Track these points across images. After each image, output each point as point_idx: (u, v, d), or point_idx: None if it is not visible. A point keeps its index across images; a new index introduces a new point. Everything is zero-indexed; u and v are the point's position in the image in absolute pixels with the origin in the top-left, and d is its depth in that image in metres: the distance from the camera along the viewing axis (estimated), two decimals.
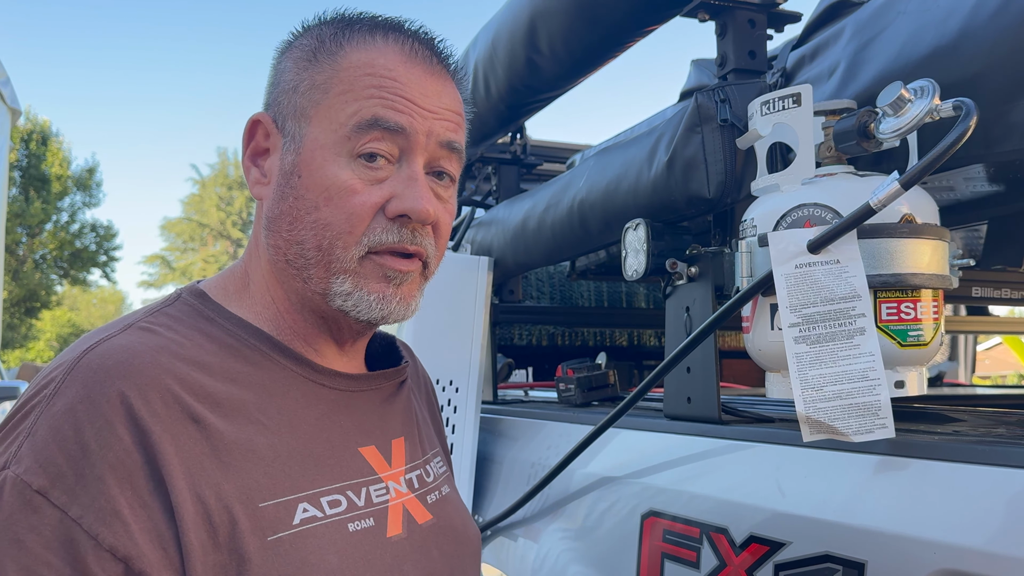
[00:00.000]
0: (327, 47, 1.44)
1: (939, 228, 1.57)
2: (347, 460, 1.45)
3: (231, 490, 1.26)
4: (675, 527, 1.76)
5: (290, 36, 1.52)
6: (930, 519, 1.29)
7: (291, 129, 1.43)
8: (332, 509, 1.37)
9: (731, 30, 2.06)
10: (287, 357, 1.43)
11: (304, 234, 1.40)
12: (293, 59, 1.46)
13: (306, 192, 1.40)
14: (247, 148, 1.48)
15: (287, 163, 1.43)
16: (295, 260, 1.42)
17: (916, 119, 1.46)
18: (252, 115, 1.47)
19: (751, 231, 1.68)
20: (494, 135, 3.17)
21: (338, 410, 1.48)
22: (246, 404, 1.34)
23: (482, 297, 2.79)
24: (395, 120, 1.40)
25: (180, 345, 1.33)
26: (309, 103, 1.42)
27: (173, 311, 1.40)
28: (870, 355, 1.44)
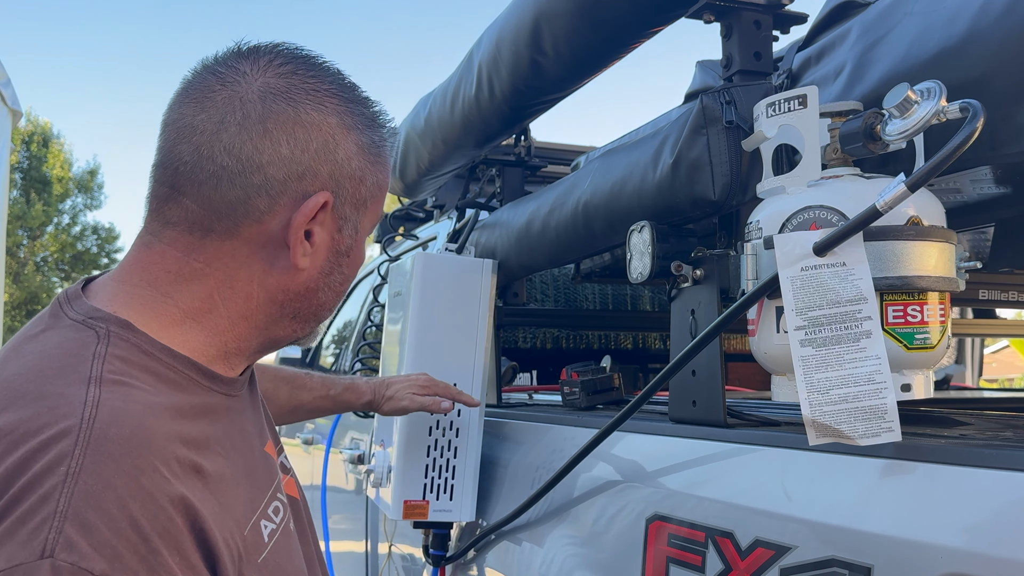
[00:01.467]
0: (384, 146, 1.54)
1: (946, 230, 1.56)
2: (265, 464, 1.52)
3: (232, 525, 1.29)
4: (680, 531, 1.75)
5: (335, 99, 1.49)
6: (937, 523, 1.28)
7: (350, 215, 1.50)
8: (276, 516, 1.45)
9: (736, 31, 2.05)
10: (207, 378, 1.42)
11: (330, 298, 1.54)
12: (355, 144, 1.48)
13: (348, 269, 1.54)
14: (306, 219, 1.44)
15: (344, 245, 1.51)
16: (306, 318, 1.54)
17: (923, 121, 1.45)
18: (321, 194, 1.44)
19: (757, 233, 1.68)
20: (498, 137, 3.16)
21: (242, 416, 1.52)
22: (208, 438, 1.34)
23: (486, 300, 2.79)
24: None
25: (153, 394, 1.30)
26: (371, 197, 1.52)
27: (117, 352, 1.31)
28: (876, 358, 1.43)
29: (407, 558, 3.38)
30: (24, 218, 34.12)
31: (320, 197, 1.42)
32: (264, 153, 1.39)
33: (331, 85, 1.47)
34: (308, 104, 1.43)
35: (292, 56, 1.47)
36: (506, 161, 3.55)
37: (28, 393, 1.22)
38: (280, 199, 1.41)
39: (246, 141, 1.38)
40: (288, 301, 1.49)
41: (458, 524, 2.84)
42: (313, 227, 1.45)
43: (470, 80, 2.94)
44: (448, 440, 2.70)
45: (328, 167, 1.44)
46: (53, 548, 1.08)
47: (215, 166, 1.38)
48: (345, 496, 4.51)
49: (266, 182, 1.39)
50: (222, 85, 1.41)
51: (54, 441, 1.15)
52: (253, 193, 1.39)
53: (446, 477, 2.69)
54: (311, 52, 1.51)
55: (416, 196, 4.20)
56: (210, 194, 1.39)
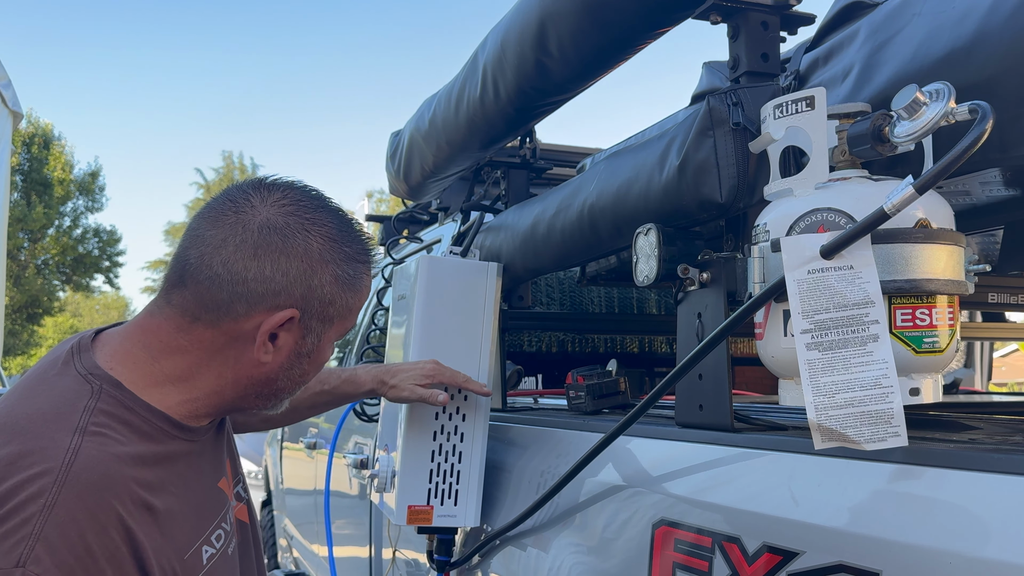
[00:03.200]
0: (356, 275, 1.85)
1: (954, 233, 1.55)
2: (215, 497, 1.88)
3: (171, 553, 1.66)
4: (687, 537, 1.74)
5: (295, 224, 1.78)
6: (946, 529, 1.27)
7: (315, 327, 1.83)
8: (219, 543, 1.82)
9: (744, 32, 2.04)
10: (176, 428, 1.77)
11: (289, 385, 1.90)
12: (331, 276, 1.80)
13: (309, 367, 1.89)
14: (274, 328, 1.78)
15: (305, 349, 1.85)
16: (267, 396, 1.89)
17: (931, 122, 1.44)
18: (289, 311, 1.77)
19: (764, 236, 1.67)
20: (503, 139, 3.15)
21: (199, 457, 1.86)
22: (164, 481, 1.70)
23: (491, 303, 2.78)
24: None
25: (123, 444, 1.64)
26: (337, 316, 1.85)
27: (105, 407, 1.68)
28: (883, 362, 1.42)
29: (411, 564, 3.38)
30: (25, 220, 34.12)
31: (287, 313, 1.77)
32: (250, 271, 1.74)
33: (325, 226, 1.81)
34: (298, 239, 1.76)
35: (300, 196, 1.82)
36: (511, 163, 3.54)
37: (29, 432, 1.59)
38: (256, 307, 1.75)
39: (239, 260, 1.73)
40: (251, 385, 1.84)
41: (462, 529, 2.83)
42: (279, 332, 1.79)
43: (475, 81, 2.93)
44: (453, 445, 2.70)
45: (301, 289, 1.78)
46: (26, 561, 1.46)
47: (211, 272, 1.73)
48: (349, 501, 4.51)
49: (247, 292, 1.74)
50: (234, 211, 1.75)
51: (39, 477, 1.52)
52: (235, 299, 1.74)
53: (451, 482, 2.68)
54: (319, 194, 1.86)
55: (420, 198, 4.20)
56: (203, 292, 1.74)
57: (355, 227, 1.89)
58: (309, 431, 5.59)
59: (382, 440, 3.00)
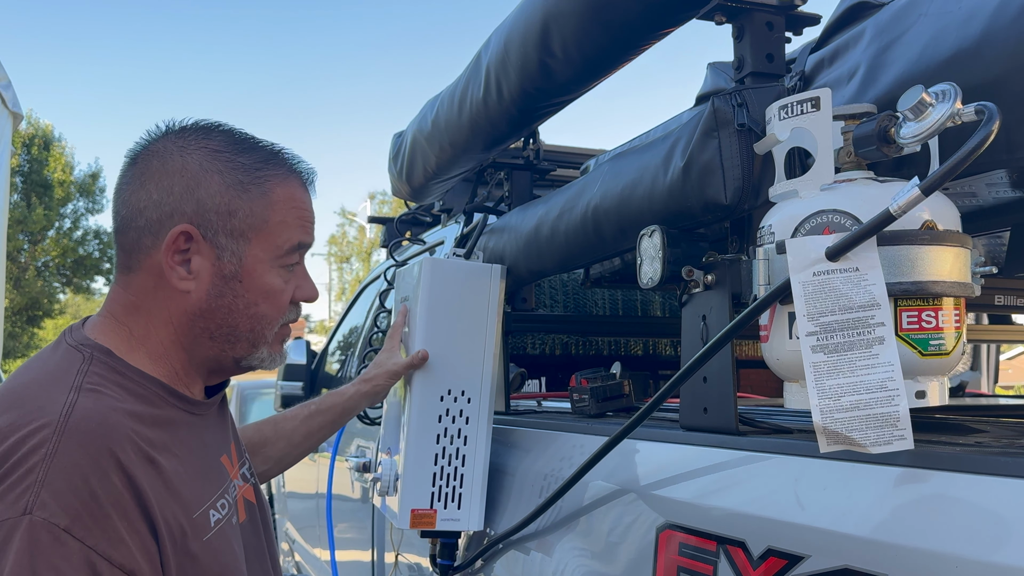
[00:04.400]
0: (255, 182, 1.84)
1: (961, 235, 1.55)
2: (217, 470, 1.89)
3: (178, 509, 1.67)
4: (691, 540, 1.74)
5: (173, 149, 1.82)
6: (952, 532, 1.27)
7: (227, 244, 1.81)
8: (223, 511, 1.83)
9: (748, 33, 2.03)
10: (173, 396, 1.80)
11: (239, 321, 1.85)
12: (217, 184, 1.80)
13: (246, 293, 1.85)
14: (170, 249, 1.78)
15: (227, 270, 1.82)
16: (223, 338, 1.86)
17: (937, 123, 1.43)
18: (179, 226, 1.77)
19: (769, 238, 1.66)
20: (506, 140, 3.14)
21: (202, 431, 1.89)
22: (166, 442, 1.71)
23: (494, 306, 2.77)
24: (309, 242, 1.94)
25: (119, 401, 1.67)
26: (249, 228, 1.83)
27: (97, 370, 1.71)
28: (889, 365, 1.42)
29: (414, 568, 3.37)
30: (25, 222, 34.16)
31: (178, 229, 1.77)
32: (142, 201, 1.79)
33: (205, 142, 1.83)
34: (175, 157, 1.80)
35: (188, 125, 1.86)
36: (515, 164, 3.53)
37: (26, 398, 1.63)
38: (160, 235, 1.78)
39: (132, 194, 1.80)
40: (194, 322, 1.83)
41: (466, 533, 2.83)
42: (190, 256, 1.80)
43: (478, 82, 2.92)
44: (456, 448, 2.69)
45: (191, 205, 1.79)
46: (32, 507, 1.47)
47: (120, 218, 1.81)
48: (351, 505, 4.51)
49: (148, 223, 1.78)
50: (130, 157, 1.85)
51: (38, 431, 1.55)
52: (142, 233, 1.79)
53: (454, 485, 2.68)
54: (214, 123, 1.89)
55: (423, 200, 4.19)
56: (123, 239, 1.82)
57: (252, 141, 1.90)
58: None
59: (384, 443, 2.99)
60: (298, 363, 5.76)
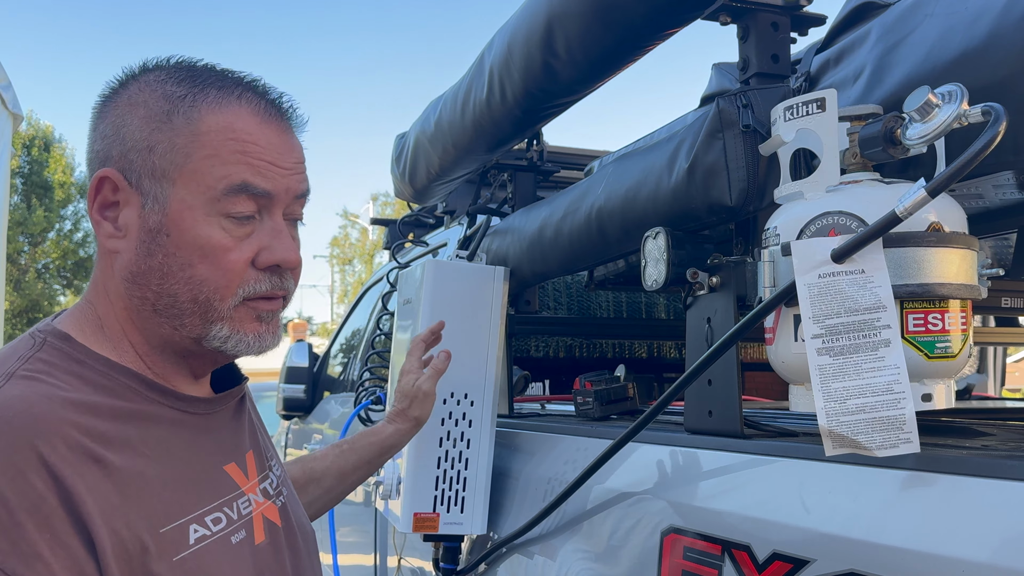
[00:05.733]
0: (181, 109, 1.52)
1: (967, 237, 1.54)
2: (217, 479, 1.60)
3: (136, 520, 1.38)
4: (696, 544, 1.73)
5: (111, 89, 1.59)
6: (959, 536, 1.26)
7: (150, 188, 1.51)
8: (216, 526, 1.53)
9: (753, 33, 2.03)
10: (153, 390, 1.53)
11: (177, 288, 1.52)
12: (140, 117, 1.52)
13: (177, 250, 1.51)
14: (94, 202, 1.54)
15: (152, 221, 1.51)
16: (166, 310, 1.54)
17: (944, 125, 1.43)
18: (98, 171, 1.52)
19: (774, 240, 1.66)
20: (510, 141, 3.14)
21: (200, 433, 1.61)
22: (131, 439, 1.44)
23: (498, 308, 2.77)
24: (262, 186, 1.53)
25: (64, 390, 1.41)
26: (170, 165, 1.51)
27: (44, 356, 1.46)
28: (895, 368, 1.41)
29: (417, 572, 3.37)
30: (25, 224, 34.14)
31: (98, 174, 1.52)
32: (88, 152, 1.58)
33: (155, 74, 1.57)
34: (117, 94, 1.56)
35: (156, 64, 1.60)
36: (518, 166, 3.52)
37: None
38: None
39: (87, 147, 1.58)
40: (131, 291, 1.54)
41: (469, 537, 2.82)
42: (119, 211, 1.53)
43: (481, 83, 2.92)
44: (459, 451, 2.68)
45: (119, 147, 1.52)
46: None
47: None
48: (353, 508, 4.50)
49: (89, 177, 1.55)
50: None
51: None
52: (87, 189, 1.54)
53: (457, 489, 2.67)
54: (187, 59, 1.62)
55: (426, 201, 4.19)
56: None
57: (202, 68, 1.59)
58: (313, 438, 5.58)
59: None
60: (300, 365, 5.76)
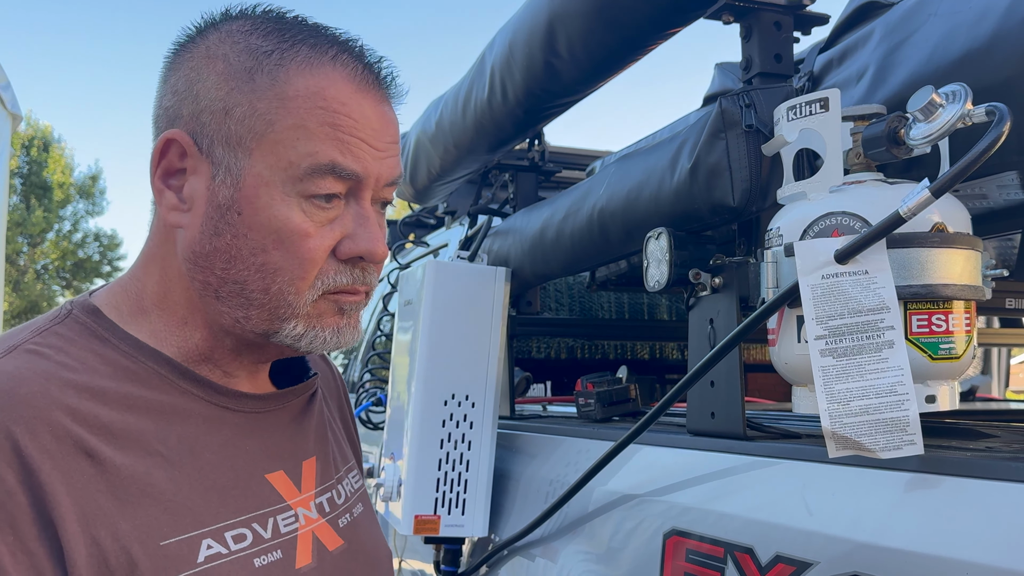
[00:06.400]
0: (266, 67, 1.32)
1: (972, 237, 1.53)
2: (253, 489, 1.39)
3: (129, 529, 1.21)
4: (699, 547, 1.72)
5: (188, 37, 1.40)
6: (962, 539, 1.26)
7: (222, 157, 1.32)
8: (237, 544, 1.33)
9: (756, 32, 2.02)
10: (187, 380, 1.37)
11: (246, 275, 1.33)
12: (217, 72, 1.33)
13: (249, 231, 1.31)
14: (157, 168, 1.35)
15: (222, 196, 1.32)
16: (230, 299, 1.35)
17: (948, 124, 1.42)
18: (166, 132, 1.34)
19: (777, 240, 1.65)
20: (511, 141, 3.14)
21: (243, 434, 1.41)
22: (144, 434, 1.28)
23: (499, 309, 2.76)
24: (352, 168, 1.33)
25: (71, 370, 1.25)
26: (249, 133, 1.31)
27: (63, 330, 1.32)
28: (899, 369, 1.41)
29: (418, 574, 3.36)
30: (24, 225, 34.20)
31: (163, 138, 1.33)
32: (155, 108, 1.38)
33: (236, 23, 1.37)
34: (192, 45, 1.37)
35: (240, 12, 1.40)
36: (519, 166, 3.52)
37: None
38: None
39: (154, 103, 1.39)
40: (193, 274, 1.36)
41: (470, 539, 2.82)
42: (186, 178, 1.35)
43: (482, 83, 2.92)
44: (460, 453, 2.67)
45: (190, 106, 1.34)
46: None
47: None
48: None
49: (154, 137, 1.36)
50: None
51: None
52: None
53: (458, 491, 2.66)
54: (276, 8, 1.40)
55: (427, 202, 4.19)
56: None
57: (291, 20, 1.39)
58: None
59: (388, 448, 2.98)
60: None
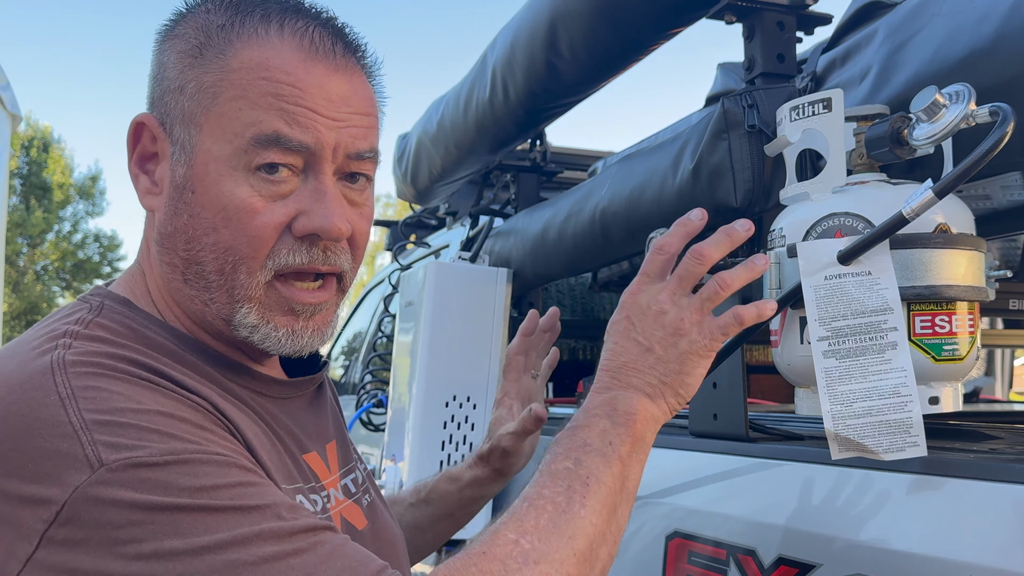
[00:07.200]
0: (214, 42, 1.30)
1: (975, 238, 1.53)
2: (299, 466, 1.38)
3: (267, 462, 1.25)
4: (701, 549, 1.73)
5: (170, 19, 1.38)
6: (966, 541, 1.26)
7: (180, 136, 1.30)
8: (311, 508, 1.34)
9: (759, 32, 2.02)
10: (225, 367, 1.35)
11: (203, 255, 1.29)
12: (176, 51, 1.32)
13: (201, 210, 1.28)
14: (133, 152, 1.36)
15: (179, 175, 1.30)
16: (194, 281, 1.32)
17: (951, 125, 1.42)
18: (136, 115, 1.34)
19: (780, 241, 1.65)
20: (513, 141, 3.14)
21: (276, 419, 1.40)
22: (224, 400, 1.27)
23: (500, 310, 2.76)
24: (298, 139, 1.27)
25: (136, 352, 1.22)
26: (198, 108, 1.29)
27: (104, 320, 1.27)
28: (902, 370, 1.41)
29: None
30: (24, 225, 34.22)
31: (133, 120, 1.34)
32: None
33: (204, 3, 1.35)
34: (168, 31, 1.37)
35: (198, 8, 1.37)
36: (521, 167, 3.52)
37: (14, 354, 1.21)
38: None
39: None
40: (163, 258, 1.34)
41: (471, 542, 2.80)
42: (159, 162, 1.34)
43: (484, 83, 2.92)
44: (461, 455, 2.67)
45: (158, 89, 1.33)
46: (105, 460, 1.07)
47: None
48: None
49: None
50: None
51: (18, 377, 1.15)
52: None
53: None
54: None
55: (428, 203, 4.19)
56: None
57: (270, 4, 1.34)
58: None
59: (389, 450, 2.98)
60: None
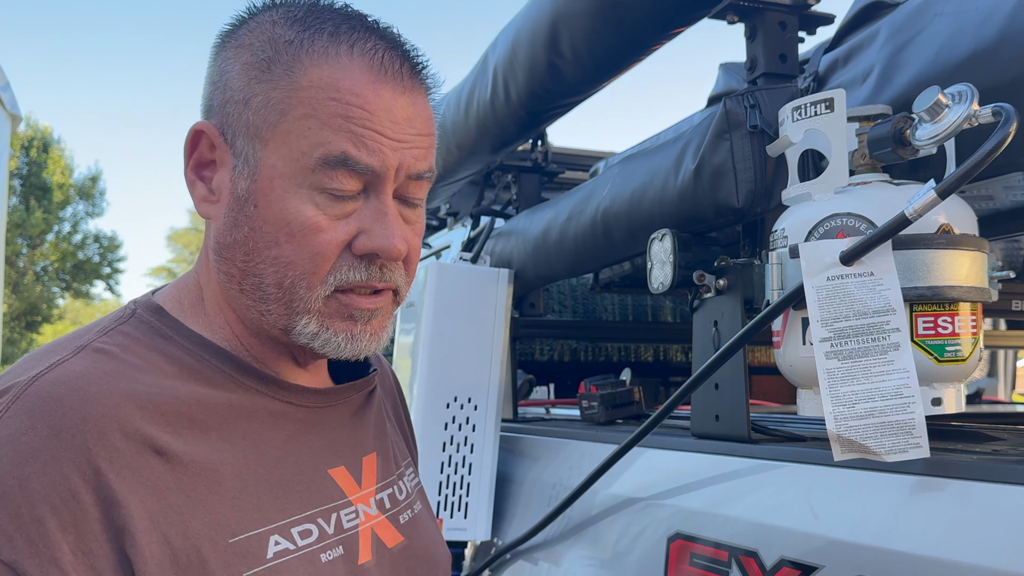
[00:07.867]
0: (283, 58, 1.30)
1: (978, 239, 1.53)
2: (317, 484, 1.39)
3: (199, 527, 1.20)
4: (703, 550, 1.73)
5: (230, 26, 1.40)
6: (968, 542, 1.26)
7: (243, 148, 1.32)
8: (303, 540, 1.32)
9: (761, 32, 2.02)
10: (251, 377, 1.36)
11: (263, 268, 1.32)
12: (242, 63, 1.33)
13: (264, 224, 1.30)
14: (189, 159, 1.36)
15: (240, 188, 1.32)
16: (251, 292, 1.34)
17: (954, 125, 1.42)
18: (195, 123, 1.35)
19: (782, 242, 1.65)
20: (514, 142, 3.14)
21: (306, 429, 1.41)
22: (210, 431, 1.27)
23: (502, 311, 2.76)
24: (366, 162, 1.29)
25: (138, 369, 1.25)
26: (264, 123, 1.30)
27: (129, 329, 1.31)
28: (904, 371, 1.41)
29: None
30: (23, 226, 34.17)
31: (193, 128, 1.35)
32: (201, 100, 1.40)
33: (272, 13, 1.36)
34: (230, 37, 1.38)
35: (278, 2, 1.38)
36: (522, 167, 3.52)
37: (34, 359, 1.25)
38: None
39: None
40: (220, 267, 1.36)
41: (473, 543, 2.81)
42: (216, 170, 1.35)
43: (485, 83, 2.92)
44: (463, 456, 2.67)
45: (219, 97, 1.34)
46: None
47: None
48: None
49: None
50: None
51: (5, 397, 1.17)
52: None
53: (460, 494, 2.66)
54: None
55: (429, 203, 4.18)
56: None
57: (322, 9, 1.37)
58: None
59: None
60: None
